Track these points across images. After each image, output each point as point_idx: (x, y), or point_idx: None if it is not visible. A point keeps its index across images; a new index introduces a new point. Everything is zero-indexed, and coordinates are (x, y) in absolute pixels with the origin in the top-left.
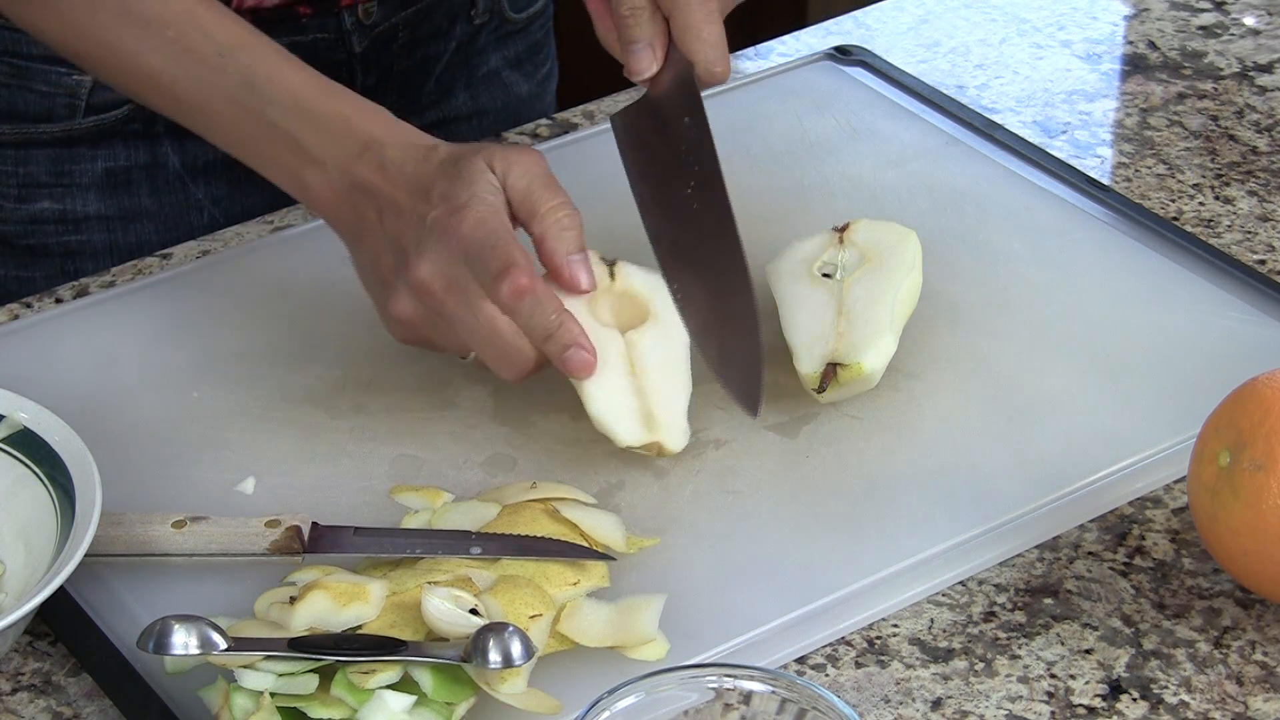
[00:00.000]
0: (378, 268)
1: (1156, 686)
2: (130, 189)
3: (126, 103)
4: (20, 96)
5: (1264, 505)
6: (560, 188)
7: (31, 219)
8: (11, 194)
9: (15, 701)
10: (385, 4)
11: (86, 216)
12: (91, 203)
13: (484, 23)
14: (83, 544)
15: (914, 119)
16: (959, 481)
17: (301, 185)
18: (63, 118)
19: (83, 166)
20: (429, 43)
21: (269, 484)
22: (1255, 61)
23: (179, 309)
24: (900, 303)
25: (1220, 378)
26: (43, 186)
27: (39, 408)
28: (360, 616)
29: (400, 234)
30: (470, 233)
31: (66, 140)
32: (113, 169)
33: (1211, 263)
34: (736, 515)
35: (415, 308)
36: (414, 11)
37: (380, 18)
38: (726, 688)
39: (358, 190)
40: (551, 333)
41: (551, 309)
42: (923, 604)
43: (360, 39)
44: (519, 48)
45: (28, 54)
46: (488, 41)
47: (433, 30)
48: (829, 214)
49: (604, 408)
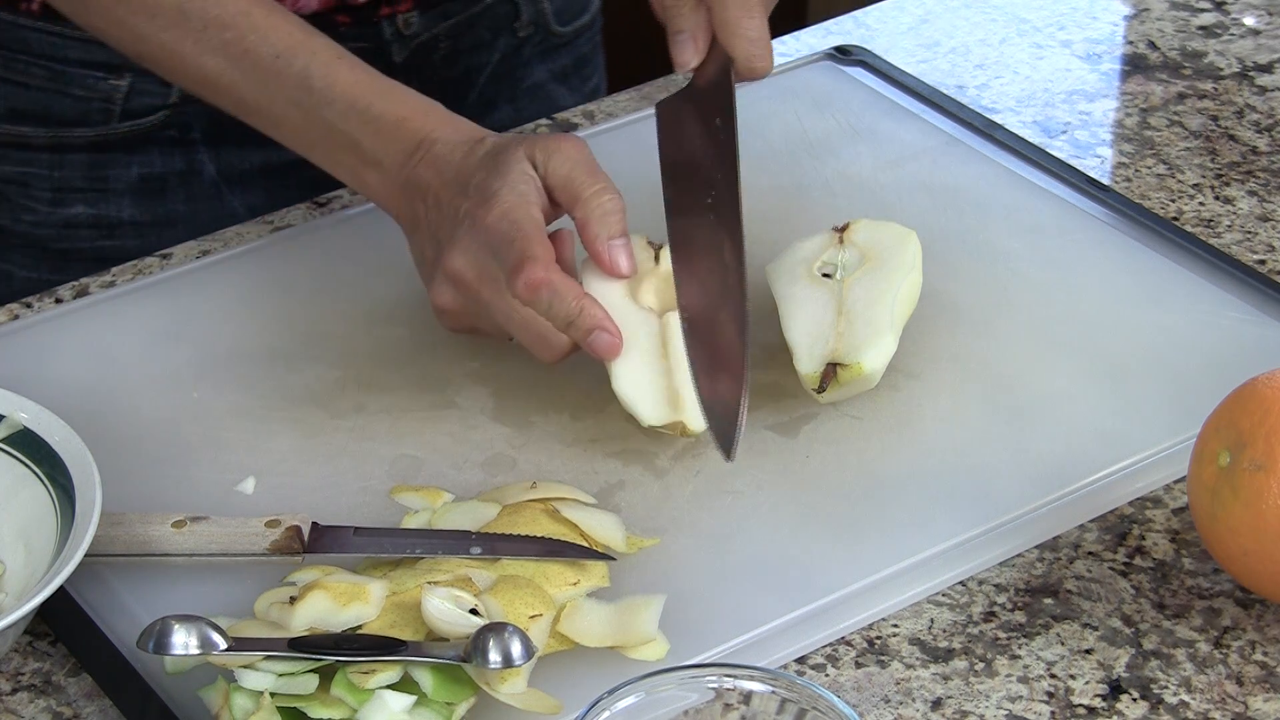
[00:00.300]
0: (423, 261)
1: (1156, 686)
2: (165, 195)
3: (162, 109)
4: (56, 100)
5: (1264, 505)
6: (603, 173)
7: (65, 223)
8: (46, 197)
9: (15, 701)
10: (426, 15)
11: (120, 222)
12: (126, 208)
13: (528, 35)
14: (83, 544)
15: (914, 119)
16: (959, 481)
17: (363, 184)
18: (98, 122)
19: (118, 172)
20: (471, 54)
21: (269, 484)
22: (1255, 61)
23: (179, 309)
24: (900, 303)
25: (1220, 378)
26: (77, 191)
27: (39, 408)
28: (360, 616)
29: (439, 226)
30: (494, 224)
31: (102, 145)
32: (148, 175)
33: (1211, 263)
34: (736, 515)
35: (454, 297)
36: (455, 23)
37: (420, 28)
38: (726, 688)
39: (410, 188)
40: (573, 319)
41: (571, 297)
42: (923, 604)
43: (400, 49)
44: (565, 61)
45: (65, 58)
46: (532, 54)
47: (475, 42)
48: (829, 214)
49: (629, 386)
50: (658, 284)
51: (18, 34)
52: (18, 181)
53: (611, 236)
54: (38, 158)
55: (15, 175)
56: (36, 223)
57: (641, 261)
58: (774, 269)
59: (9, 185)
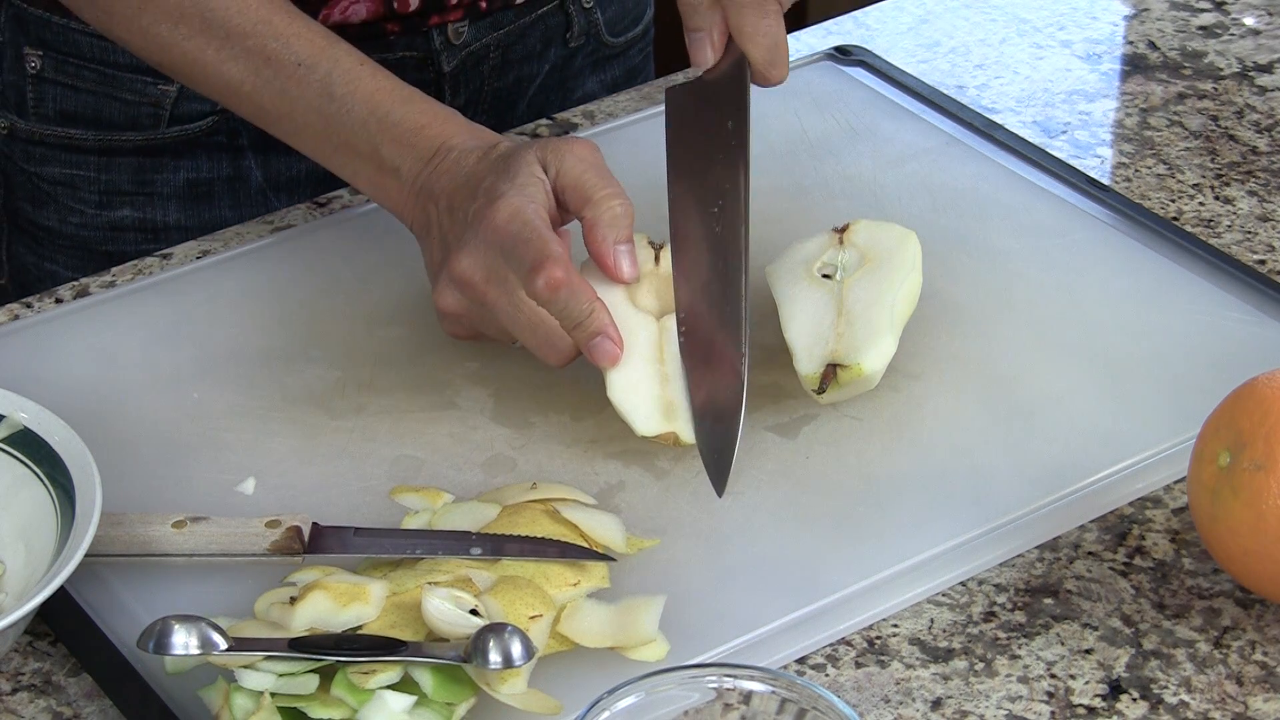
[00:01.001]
0: (431, 266)
1: (1156, 686)
2: (212, 200)
3: (211, 114)
4: (106, 104)
5: (1264, 505)
6: (612, 177)
7: (112, 226)
8: (93, 200)
9: (15, 701)
10: (476, 25)
11: (167, 226)
12: (172, 213)
13: (580, 46)
14: (83, 544)
15: (914, 119)
16: (959, 482)
17: (382, 192)
18: (147, 127)
19: (165, 176)
20: (522, 64)
21: (269, 484)
22: (1255, 61)
23: (179, 309)
24: (900, 303)
25: (1220, 378)
26: (125, 194)
27: (39, 408)
28: (360, 617)
29: (448, 230)
30: (504, 224)
31: (150, 149)
32: (195, 180)
33: (1211, 263)
34: (736, 516)
35: (458, 300)
36: (506, 32)
37: (471, 38)
38: (726, 688)
39: (424, 194)
40: (581, 320)
41: (585, 299)
42: (923, 604)
43: (449, 59)
44: (616, 72)
45: (115, 62)
46: (584, 65)
47: (526, 52)
48: (829, 214)
49: (624, 396)
50: (657, 285)
51: (69, 38)
52: (66, 183)
53: (618, 241)
54: (86, 160)
55: (64, 177)
56: (83, 224)
57: (642, 262)
58: (774, 270)
59: (57, 187)
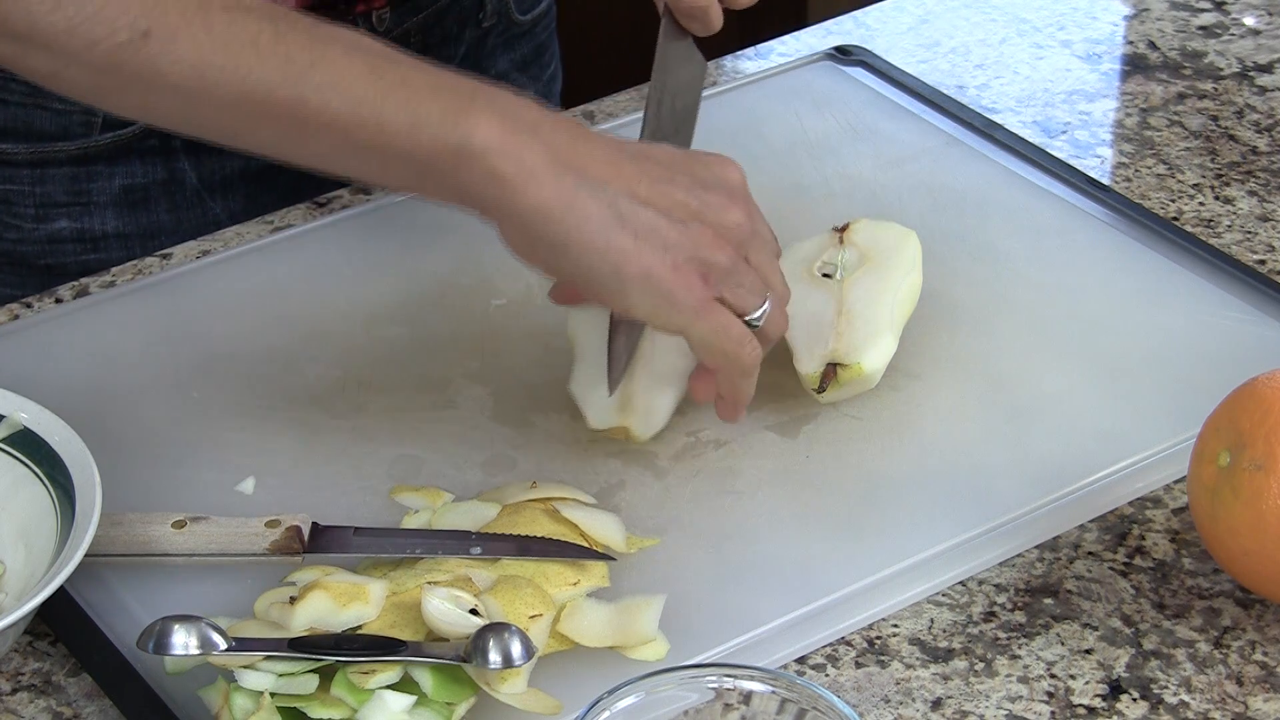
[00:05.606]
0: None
1: (1156, 686)
2: (148, 206)
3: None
4: (36, 115)
5: (1264, 505)
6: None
7: (50, 238)
8: (29, 214)
9: (15, 701)
10: (398, 10)
11: (105, 235)
12: (110, 221)
13: (492, 25)
14: (83, 544)
15: (914, 119)
16: (959, 481)
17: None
18: (79, 135)
19: (100, 184)
20: (440, 48)
21: (269, 484)
22: (1255, 61)
23: (179, 309)
24: (900, 303)
25: (1220, 378)
26: (60, 206)
27: (39, 408)
28: (360, 616)
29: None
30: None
31: (83, 158)
32: (130, 186)
33: (1211, 263)
34: (736, 515)
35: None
36: (425, 16)
37: (393, 23)
38: (726, 688)
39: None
40: (747, 373)
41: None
42: (923, 604)
43: None
44: (525, 50)
45: None
46: (496, 44)
47: (444, 35)
48: (829, 214)
49: (582, 389)
50: None
51: None
52: (0, 199)
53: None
54: (19, 174)
55: None
56: (20, 240)
57: None
58: None
59: None
